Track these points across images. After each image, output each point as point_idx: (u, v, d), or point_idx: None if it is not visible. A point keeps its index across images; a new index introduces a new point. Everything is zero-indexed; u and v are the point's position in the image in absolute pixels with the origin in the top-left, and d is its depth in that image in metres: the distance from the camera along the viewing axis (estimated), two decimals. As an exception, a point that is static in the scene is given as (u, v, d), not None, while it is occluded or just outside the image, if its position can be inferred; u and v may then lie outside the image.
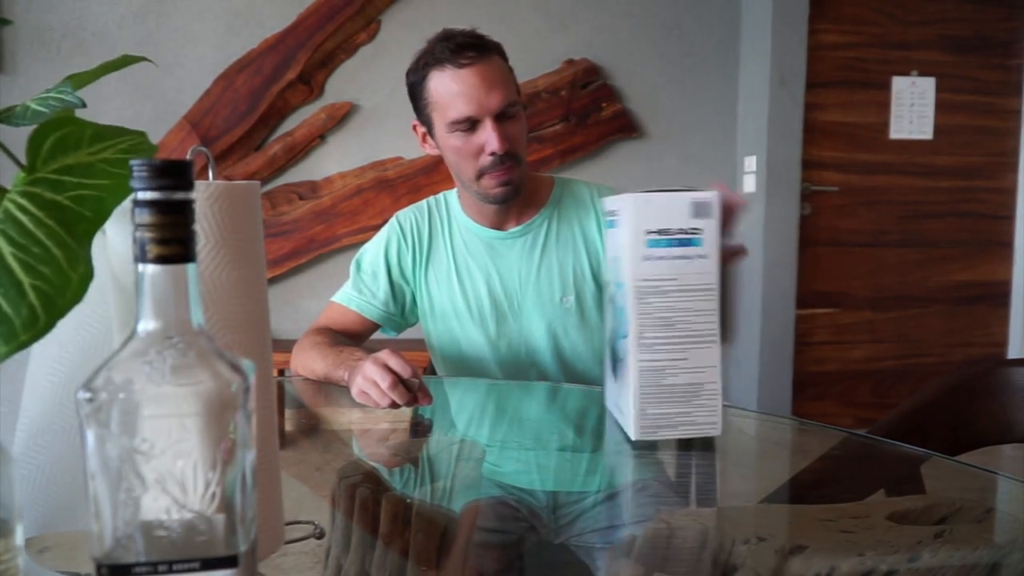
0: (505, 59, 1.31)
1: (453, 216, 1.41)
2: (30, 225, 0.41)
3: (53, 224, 0.41)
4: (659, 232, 0.91)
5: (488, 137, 1.24)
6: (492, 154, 1.25)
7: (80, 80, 0.54)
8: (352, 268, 1.43)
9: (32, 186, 0.42)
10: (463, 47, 1.24)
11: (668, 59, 3.40)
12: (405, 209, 1.43)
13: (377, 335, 1.49)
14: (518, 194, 1.33)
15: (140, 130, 0.46)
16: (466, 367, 1.40)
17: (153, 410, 0.35)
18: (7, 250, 0.40)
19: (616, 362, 1.00)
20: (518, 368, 1.38)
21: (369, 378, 1.08)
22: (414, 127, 1.37)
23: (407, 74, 1.32)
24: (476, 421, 1.28)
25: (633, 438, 0.94)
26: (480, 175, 1.28)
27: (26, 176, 0.43)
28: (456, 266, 1.38)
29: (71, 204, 0.42)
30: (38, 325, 0.39)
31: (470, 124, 1.25)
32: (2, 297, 0.39)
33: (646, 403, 0.93)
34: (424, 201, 1.44)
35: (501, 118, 1.25)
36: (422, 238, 1.39)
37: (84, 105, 0.52)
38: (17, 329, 0.38)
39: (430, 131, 1.33)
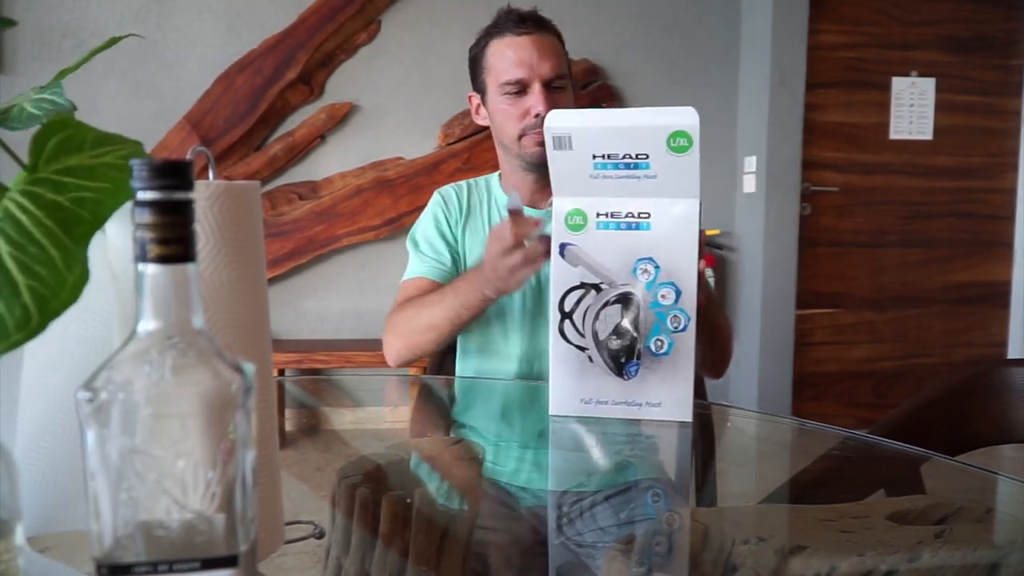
0: (562, 42, 1.39)
1: (493, 195, 1.46)
2: (29, 225, 0.41)
3: (52, 225, 0.41)
4: None
5: (534, 100, 1.33)
6: (536, 115, 1.32)
7: (70, 68, 0.54)
8: (409, 246, 1.47)
9: (33, 186, 0.42)
10: (524, 19, 1.35)
11: (668, 59, 3.40)
12: (446, 185, 1.50)
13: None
14: None
15: (136, 140, 0.46)
16: (492, 345, 1.39)
17: (153, 410, 0.35)
18: (4, 249, 0.40)
19: (640, 360, 1.02)
20: (544, 347, 1.37)
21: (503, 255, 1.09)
22: (469, 98, 1.45)
23: (470, 49, 1.42)
24: (479, 421, 1.28)
25: (690, 419, 1.01)
26: (522, 135, 1.35)
27: (28, 175, 0.43)
28: None
29: (71, 205, 0.42)
30: (31, 325, 0.39)
31: (520, 87, 1.33)
32: (-4, 296, 0.39)
33: None
34: (465, 181, 1.50)
35: (549, 87, 1.34)
36: (462, 207, 1.45)
37: (75, 108, 0.52)
38: (10, 328, 0.38)
39: (483, 99, 1.41)
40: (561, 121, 0.98)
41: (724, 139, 3.46)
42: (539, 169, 1.37)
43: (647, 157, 0.97)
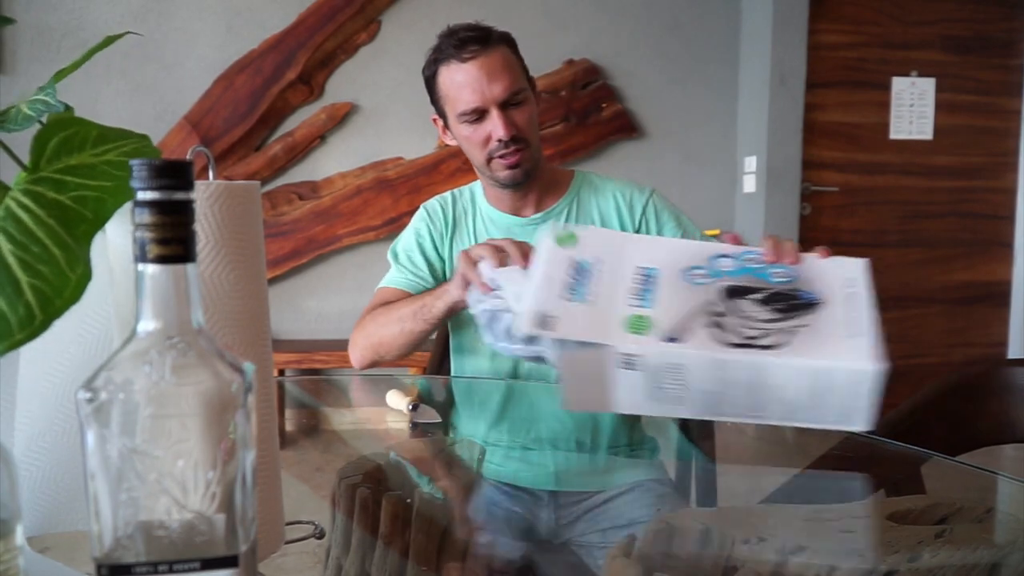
0: (512, 47, 1.35)
1: (477, 204, 1.45)
2: (31, 224, 0.41)
3: (54, 224, 0.41)
4: None
5: (494, 125, 1.30)
6: (500, 140, 1.30)
7: (67, 69, 0.54)
8: (390, 258, 1.47)
9: (35, 185, 0.42)
10: (466, 41, 1.29)
11: (668, 59, 3.40)
12: (431, 198, 1.49)
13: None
14: (529, 177, 1.36)
15: (143, 133, 0.46)
16: (482, 355, 1.39)
17: (153, 410, 0.35)
18: (6, 248, 0.40)
19: (796, 289, 0.90)
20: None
21: (477, 255, 1.01)
22: (434, 120, 1.43)
23: (422, 71, 1.39)
24: (480, 420, 1.28)
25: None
26: (490, 160, 1.33)
27: (29, 174, 0.43)
28: None
29: (73, 204, 0.42)
30: (34, 324, 0.39)
31: (478, 114, 1.30)
32: None
33: None
34: (449, 192, 1.49)
35: (507, 106, 1.30)
36: (447, 222, 1.44)
37: (68, 109, 0.52)
38: (13, 327, 0.38)
39: (446, 123, 1.39)
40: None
41: (724, 139, 3.46)
42: (514, 186, 1.36)
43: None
